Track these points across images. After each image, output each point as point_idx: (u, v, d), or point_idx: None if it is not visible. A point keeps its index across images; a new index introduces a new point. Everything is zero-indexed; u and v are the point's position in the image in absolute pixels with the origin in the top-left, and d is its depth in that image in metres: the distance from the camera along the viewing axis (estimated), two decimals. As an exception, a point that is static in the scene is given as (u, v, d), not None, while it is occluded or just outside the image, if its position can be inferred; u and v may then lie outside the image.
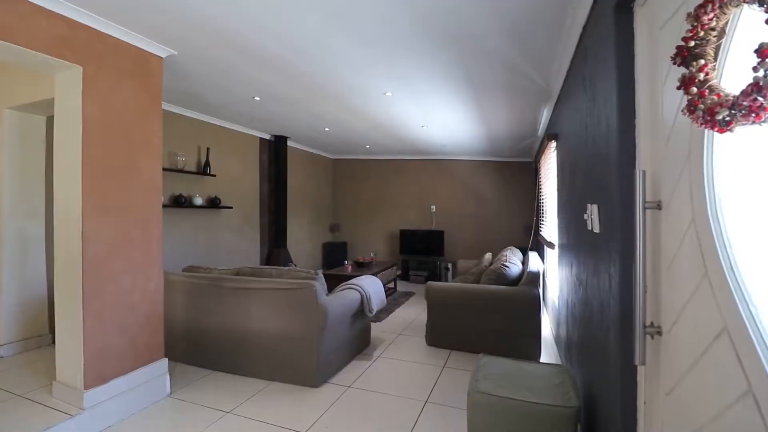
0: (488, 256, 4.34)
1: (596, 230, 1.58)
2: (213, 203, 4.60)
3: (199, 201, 4.34)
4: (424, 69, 2.77)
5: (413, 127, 4.68)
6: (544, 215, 4.46)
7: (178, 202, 4.11)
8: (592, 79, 1.70)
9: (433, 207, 7.10)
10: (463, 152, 6.58)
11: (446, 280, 6.58)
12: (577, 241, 2.17)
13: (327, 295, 2.94)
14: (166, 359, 2.58)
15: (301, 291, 2.62)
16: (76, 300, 2.12)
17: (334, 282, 4.63)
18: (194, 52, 2.63)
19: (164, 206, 3.96)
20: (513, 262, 3.49)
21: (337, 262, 7.07)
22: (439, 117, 4.15)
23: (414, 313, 4.55)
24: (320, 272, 2.90)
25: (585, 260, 1.90)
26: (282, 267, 3.03)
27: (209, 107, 4.07)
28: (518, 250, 4.39)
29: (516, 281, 3.34)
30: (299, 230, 6.57)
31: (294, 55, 2.61)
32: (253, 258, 5.40)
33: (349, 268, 4.58)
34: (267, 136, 5.62)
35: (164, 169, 3.96)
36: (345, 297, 2.93)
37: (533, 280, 3.14)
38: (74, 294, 2.13)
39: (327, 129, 4.95)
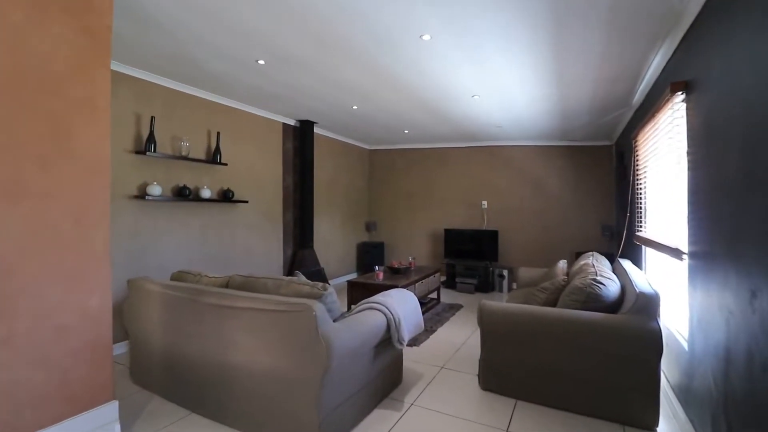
0: (562, 265, 3.27)
1: None
2: (225, 196, 3.97)
3: (207, 193, 3.72)
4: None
5: (461, 98, 3.71)
6: (642, 210, 3.30)
7: (182, 195, 3.51)
8: None
9: (485, 203, 6.04)
10: (522, 135, 5.46)
11: (501, 290, 5.52)
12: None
13: (341, 318, 2.11)
14: (116, 402, 1.89)
15: (295, 316, 1.81)
16: (-32, 323, 1.48)
17: (361, 293, 3.81)
18: (157, -18, 1.92)
19: (166, 199, 3.39)
20: (607, 276, 2.43)
21: (373, 266, 6.25)
22: (496, 78, 3.16)
23: (462, 334, 3.59)
24: (330, 287, 2.07)
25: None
26: (282, 277, 2.24)
27: (214, 82, 3.42)
28: (604, 258, 3.28)
29: (615, 306, 2.28)
30: (330, 229, 5.84)
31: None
32: (274, 260, 4.74)
33: (381, 275, 3.74)
34: (292, 122, 4.94)
35: (167, 157, 3.40)
36: (363, 323, 2.07)
37: (647, 306, 2.07)
38: (-34, 315, 1.48)
39: (355, 107, 4.13)
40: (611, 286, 2.33)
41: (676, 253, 2.15)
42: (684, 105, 2.07)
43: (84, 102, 1.78)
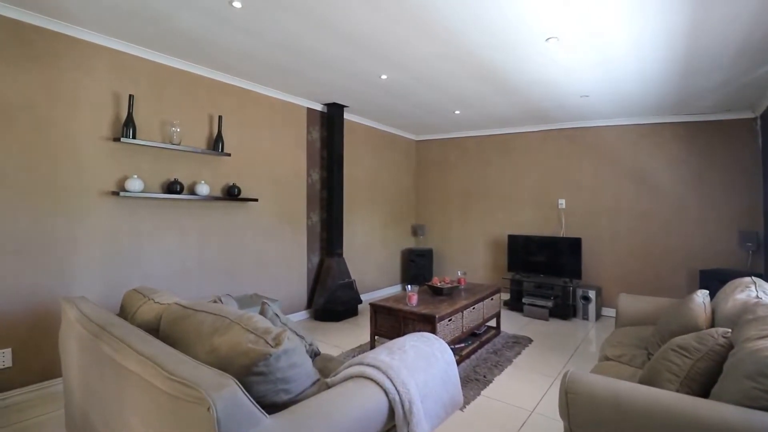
0: (702, 299, 2.00)
1: None
2: (230, 193, 3.30)
3: (205, 189, 3.07)
4: None
5: (529, 45, 2.58)
6: None
7: (172, 190, 2.89)
8: None
9: (562, 202, 4.73)
10: (618, 109, 4.11)
11: (586, 317, 4.20)
12: None
13: (311, 391, 1.21)
14: None
15: (186, 409, 0.94)
16: None
17: (387, 322, 2.87)
18: None
19: (152, 196, 2.80)
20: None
21: (420, 277, 5.28)
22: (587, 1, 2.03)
23: (531, 391, 2.47)
24: (288, 342, 1.17)
25: None
26: (228, 314, 1.39)
27: (196, 46, 2.73)
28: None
29: None
30: (368, 233, 4.98)
31: None
32: (295, 271, 4.00)
33: (414, 298, 2.75)
34: (318, 107, 4.17)
35: (154, 145, 2.69)
36: (336, 415, 1.13)
37: None
38: None
39: (384, 77, 3.20)
40: None
41: None
42: None
43: None
